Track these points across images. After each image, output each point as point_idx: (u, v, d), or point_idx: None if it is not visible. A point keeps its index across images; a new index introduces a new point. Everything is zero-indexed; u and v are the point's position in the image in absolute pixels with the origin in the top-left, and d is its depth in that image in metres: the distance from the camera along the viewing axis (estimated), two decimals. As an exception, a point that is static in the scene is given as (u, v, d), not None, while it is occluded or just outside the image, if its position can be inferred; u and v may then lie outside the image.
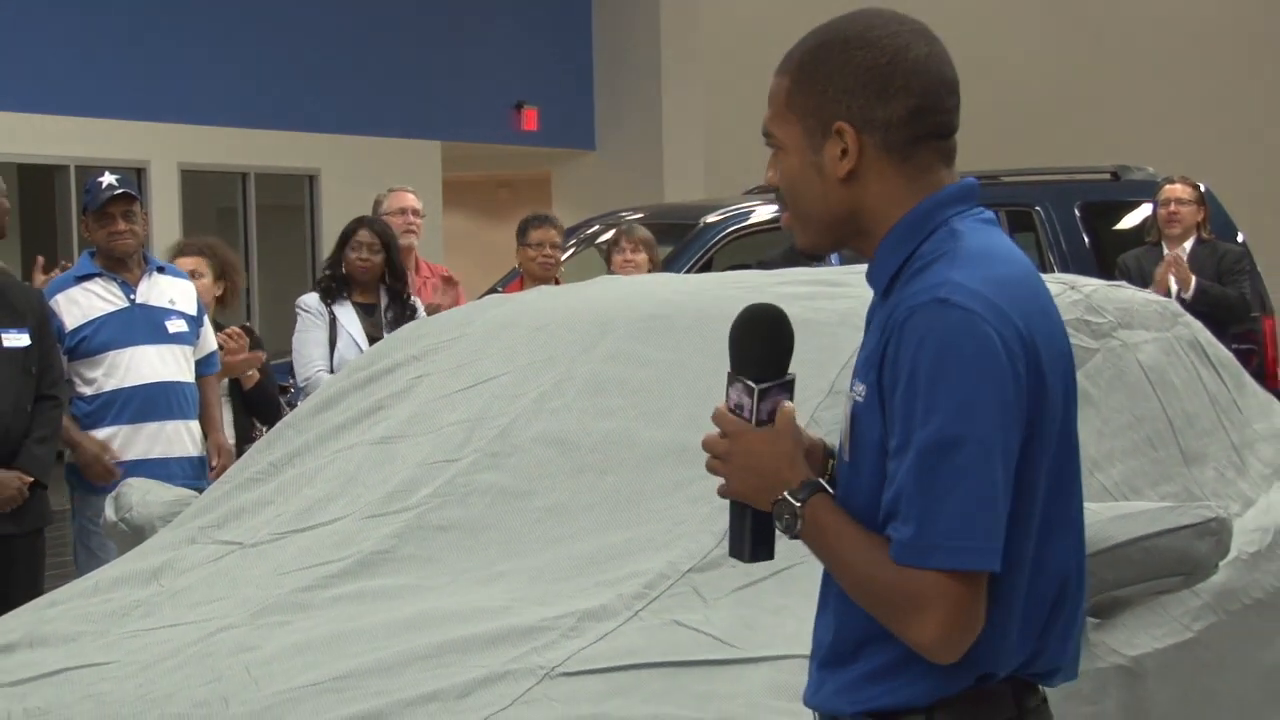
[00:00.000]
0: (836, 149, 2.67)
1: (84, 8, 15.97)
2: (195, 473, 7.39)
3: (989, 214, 2.77)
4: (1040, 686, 2.78)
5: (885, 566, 2.56)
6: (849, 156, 2.66)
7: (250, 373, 8.33)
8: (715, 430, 2.73)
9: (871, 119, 2.66)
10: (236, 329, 8.32)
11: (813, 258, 2.76)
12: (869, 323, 2.81)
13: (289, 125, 17.38)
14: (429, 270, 10.08)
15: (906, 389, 2.56)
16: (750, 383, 2.72)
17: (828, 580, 2.78)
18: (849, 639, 2.71)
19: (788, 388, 2.74)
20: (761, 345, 2.77)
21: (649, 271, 9.29)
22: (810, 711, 2.88)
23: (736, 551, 2.86)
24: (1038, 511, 2.66)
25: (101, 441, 7.33)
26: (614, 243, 9.83)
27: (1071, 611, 2.78)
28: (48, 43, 15.27)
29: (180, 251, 8.59)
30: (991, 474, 2.54)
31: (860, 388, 2.69)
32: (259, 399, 8.38)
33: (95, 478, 7.25)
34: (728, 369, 2.78)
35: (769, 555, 2.84)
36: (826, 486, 2.67)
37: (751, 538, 2.79)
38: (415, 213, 9.80)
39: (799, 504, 2.63)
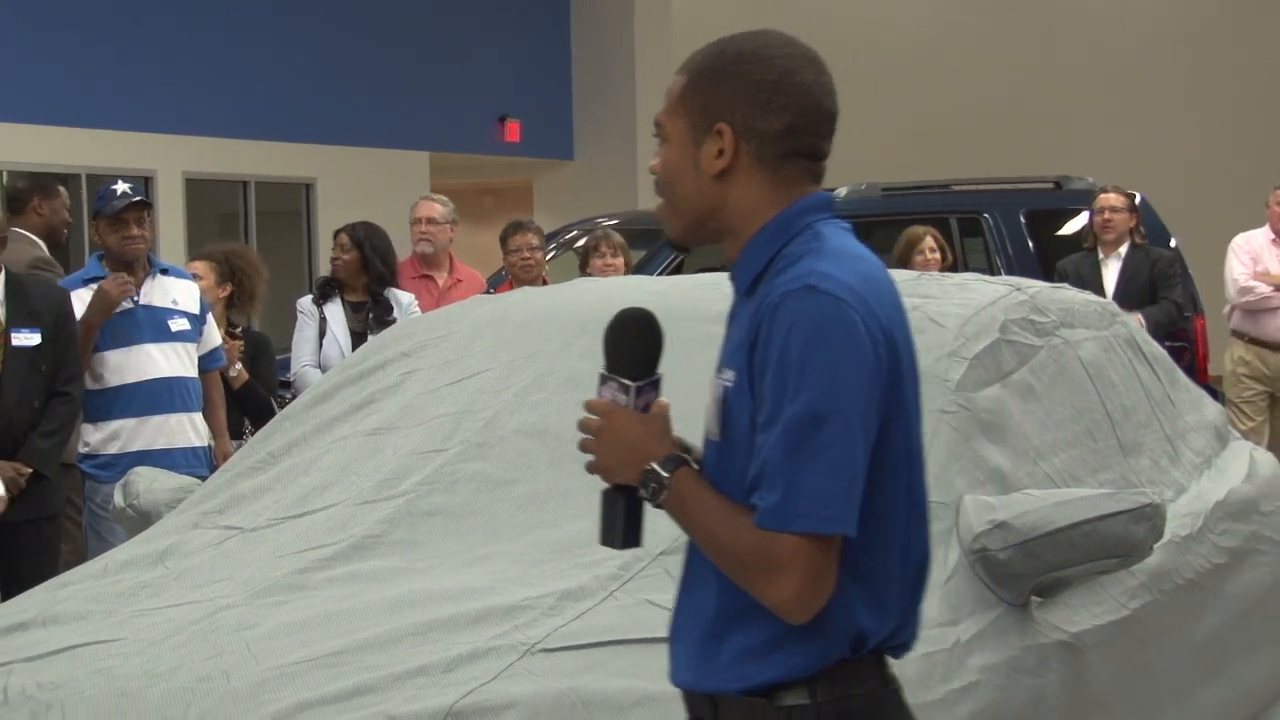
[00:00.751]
0: (714, 147, 2.76)
1: (95, 28, 15.95)
2: (198, 462, 7.39)
3: (846, 224, 2.86)
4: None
5: (748, 531, 2.61)
6: (724, 156, 2.76)
7: (235, 373, 8.32)
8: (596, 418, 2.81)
9: (751, 127, 2.74)
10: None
11: (681, 250, 2.79)
12: (731, 318, 2.87)
13: (287, 137, 17.35)
14: (464, 273, 10.06)
15: (778, 367, 2.62)
16: (627, 381, 2.79)
17: (698, 561, 2.79)
18: (730, 615, 2.73)
19: (657, 385, 2.81)
20: (636, 345, 2.84)
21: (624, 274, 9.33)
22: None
23: (608, 540, 2.92)
24: (903, 493, 2.74)
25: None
26: (593, 248, 9.75)
27: (922, 592, 2.86)
28: (62, 59, 15.23)
29: (194, 257, 8.62)
30: (853, 449, 2.61)
31: (728, 374, 2.75)
32: (248, 398, 8.37)
33: (120, 294, 7.38)
34: (600, 372, 2.85)
35: (638, 542, 2.91)
36: (691, 462, 2.74)
37: (624, 526, 2.86)
38: (430, 221, 9.79)
39: (666, 475, 2.70)
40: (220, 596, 3.98)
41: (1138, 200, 10.65)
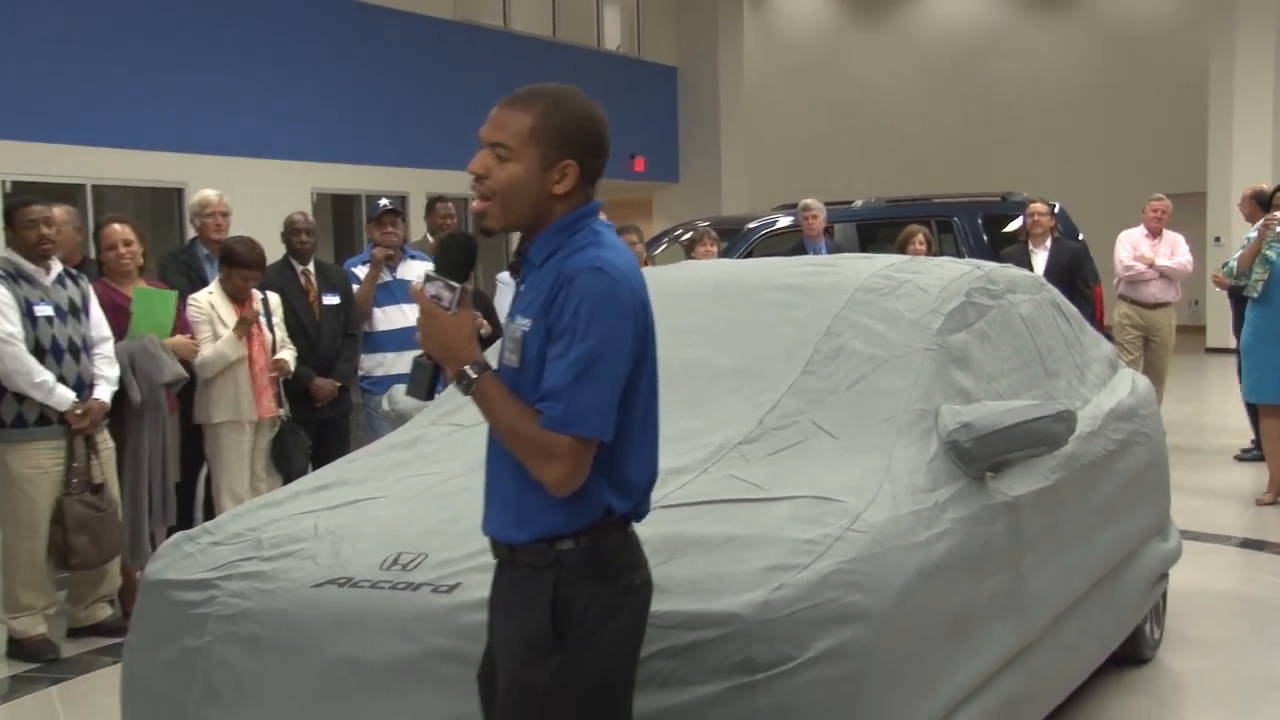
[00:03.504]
0: (558, 175, 2.73)
1: (273, 65, 15.85)
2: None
3: (610, 223, 2.94)
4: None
5: (534, 428, 2.63)
6: (566, 179, 2.73)
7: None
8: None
9: (585, 164, 2.75)
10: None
11: (488, 234, 2.80)
12: (523, 280, 2.84)
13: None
14: None
15: (571, 320, 2.62)
16: (453, 283, 2.75)
17: (497, 445, 2.80)
18: (521, 487, 2.73)
19: (468, 292, 2.78)
20: (461, 260, 2.82)
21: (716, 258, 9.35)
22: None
23: (414, 393, 2.91)
24: (641, 416, 2.77)
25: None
26: (697, 240, 9.77)
27: (653, 484, 2.90)
28: (197, 94, 14.97)
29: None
30: (615, 382, 2.65)
31: (525, 321, 2.73)
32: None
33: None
34: (428, 272, 2.83)
35: (432, 398, 2.96)
36: (492, 368, 2.73)
37: (428, 387, 2.86)
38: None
39: (475, 376, 2.69)
40: (450, 469, 3.99)
41: (1056, 209, 10.53)
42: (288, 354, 6.99)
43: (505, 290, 8.67)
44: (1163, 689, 5.31)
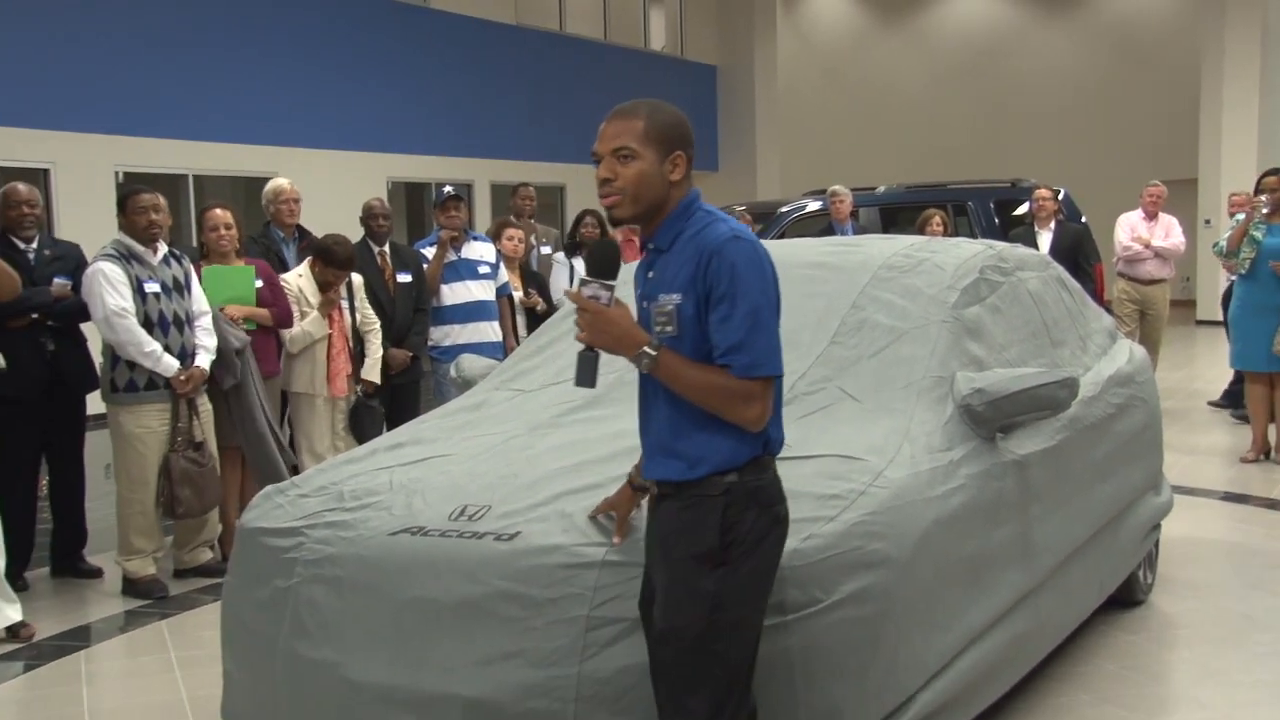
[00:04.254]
0: (672, 165, 2.80)
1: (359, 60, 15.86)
2: (496, 351, 7.45)
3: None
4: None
5: (726, 378, 2.72)
6: (678, 169, 2.82)
7: (521, 298, 8.34)
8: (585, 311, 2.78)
9: (689, 154, 2.82)
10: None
11: (620, 224, 2.84)
12: (651, 265, 2.89)
13: (559, 159, 17.38)
14: None
15: (729, 284, 2.71)
16: (609, 282, 2.78)
17: (651, 403, 2.88)
18: (679, 434, 2.80)
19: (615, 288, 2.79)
20: (610, 262, 2.81)
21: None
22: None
23: (583, 383, 2.90)
24: None
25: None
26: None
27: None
28: (289, 91, 15.01)
29: (503, 225, 8.55)
30: (775, 325, 2.78)
31: (674, 296, 2.77)
32: (528, 312, 8.36)
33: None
34: (581, 276, 2.83)
35: (594, 385, 2.91)
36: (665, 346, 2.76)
37: (592, 375, 2.86)
38: None
39: (655, 353, 2.74)
40: (511, 430, 3.98)
41: (1061, 194, 10.46)
42: (373, 336, 7.00)
43: (560, 269, 8.67)
44: (1154, 628, 5.28)
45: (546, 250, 9.23)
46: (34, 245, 6.27)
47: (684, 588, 2.75)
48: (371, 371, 6.96)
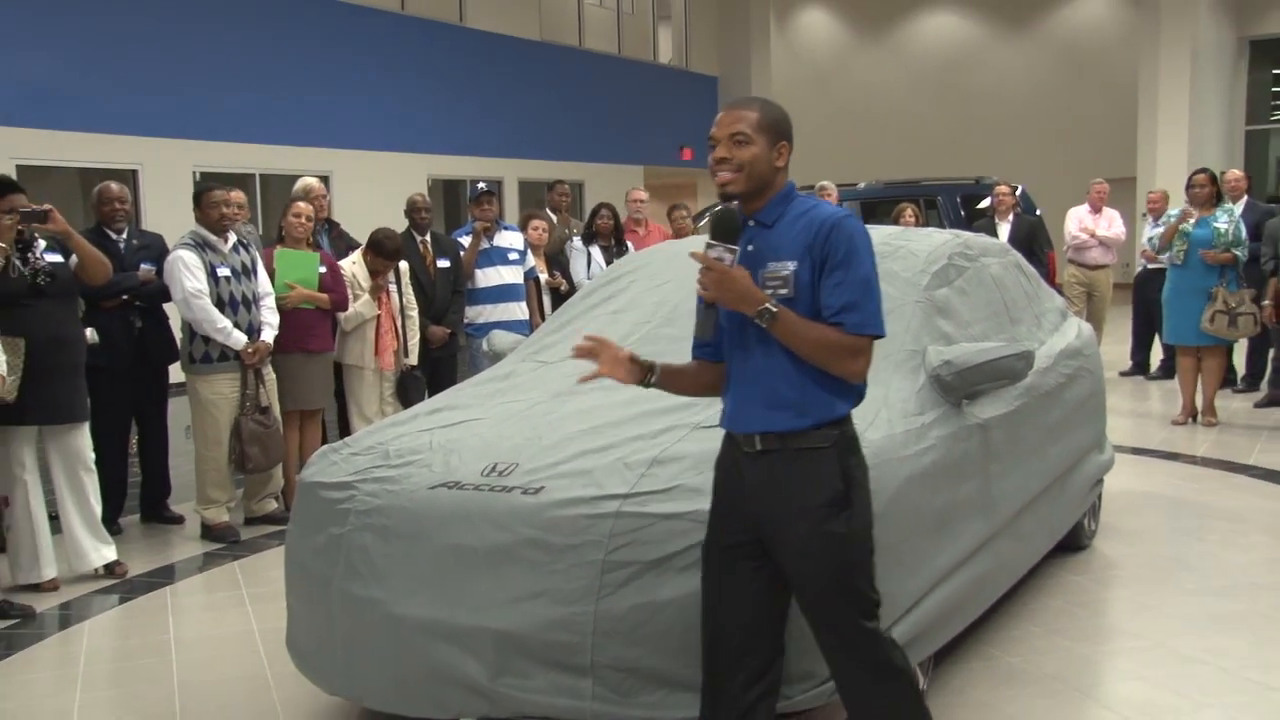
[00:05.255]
0: (778, 152, 2.76)
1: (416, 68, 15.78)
2: (523, 328, 7.39)
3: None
4: None
5: (839, 334, 2.64)
6: (782, 157, 2.78)
7: (547, 279, 8.27)
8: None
9: (790, 145, 2.77)
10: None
11: (731, 199, 2.82)
12: (751, 239, 2.78)
13: (583, 158, 17.31)
14: (655, 228, 9.61)
15: (845, 254, 2.67)
16: (732, 246, 2.70)
17: (756, 364, 2.75)
18: (786, 388, 2.71)
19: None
20: (732, 227, 2.74)
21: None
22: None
23: (703, 333, 2.84)
24: None
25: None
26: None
27: None
28: (348, 97, 15.00)
29: (529, 216, 8.47)
30: (879, 292, 2.71)
31: (789, 262, 2.70)
32: (552, 293, 8.29)
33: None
34: (707, 240, 2.73)
35: (714, 336, 2.84)
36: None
37: (713, 326, 2.80)
38: (640, 201, 9.55)
39: (775, 310, 2.63)
40: (536, 397, 3.95)
41: (1018, 190, 10.32)
42: (411, 321, 6.95)
43: (578, 255, 8.62)
44: (1096, 569, 5.26)
45: (578, 241, 9.17)
46: (124, 236, 6.26)
47: (817, 534, 2.67)
48: (410, 353, 6.92)
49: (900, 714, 2.79)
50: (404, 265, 6.99)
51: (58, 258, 5.32)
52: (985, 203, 10.97)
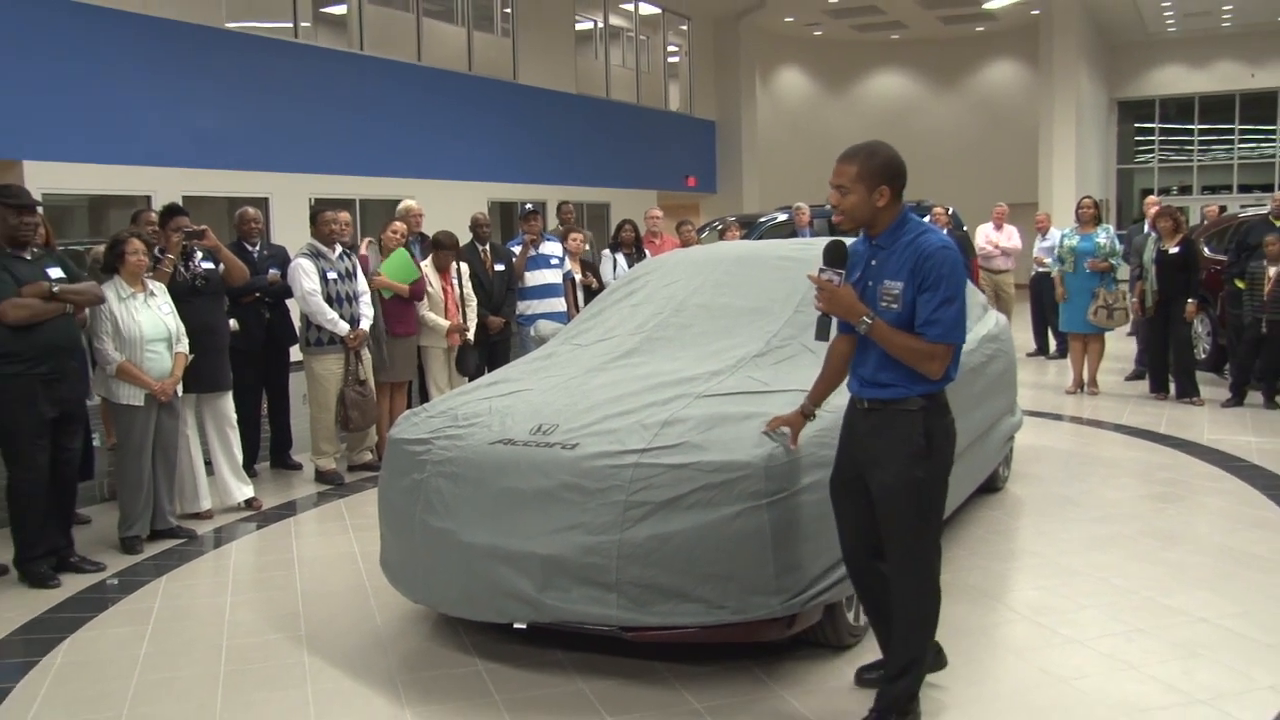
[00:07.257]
0: (878, 195, 2.64)
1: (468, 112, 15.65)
2: (562, 318, 7.27)
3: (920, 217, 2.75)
4: None
5: (919, 342, 2.61)
6: (884, 198, 2.66)
7: (580, 278, 8.06)
8: (813, 292, 2.71)
9: (894, 186, 2.64)
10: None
11: (845, 233, 2.79)
12: (874, 256, 2.72)
13: (603, 183, 17.12)
14: (668, 239, 9.12)
15: (937, 277, 2.59)
16: (840, 270, 2.66)
17: (865, 353, 2.73)
18: (883, 369, 2.68)
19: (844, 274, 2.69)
20: (840, 254, 2.70)
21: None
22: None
23: (821, 337, 2.78)
24: None
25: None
26: (726, 228, 9.56)
27: None
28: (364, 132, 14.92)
29: (569, 230, 8.31)
30: (963, 309, 2.63)
31: (898, 282, 2.64)
32: (585, 290, 8.12)
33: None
34: (821, 266, 2.69)
35: (829, 338, 2.82)
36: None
37: (827, 331, 2.75)
38: (656, 218, 9.23)
39: (871, 321, 2.63)
40: (573, 373, 3.88)
41: (950, 211, 10.26)
42: (470, 310, 6.81)
43: (606, 262, 8.51)
44: (1008, 505, 5.19)
45: (606, 250, 8.95)
46: (258, 248, 6.23)
47: (903, 476, 2.66)
48: (468, 330, 6.81)
49: (926, 609, 2.77)
50: (464, 266, 6.91)
51: (210, 265, 5.37)
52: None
